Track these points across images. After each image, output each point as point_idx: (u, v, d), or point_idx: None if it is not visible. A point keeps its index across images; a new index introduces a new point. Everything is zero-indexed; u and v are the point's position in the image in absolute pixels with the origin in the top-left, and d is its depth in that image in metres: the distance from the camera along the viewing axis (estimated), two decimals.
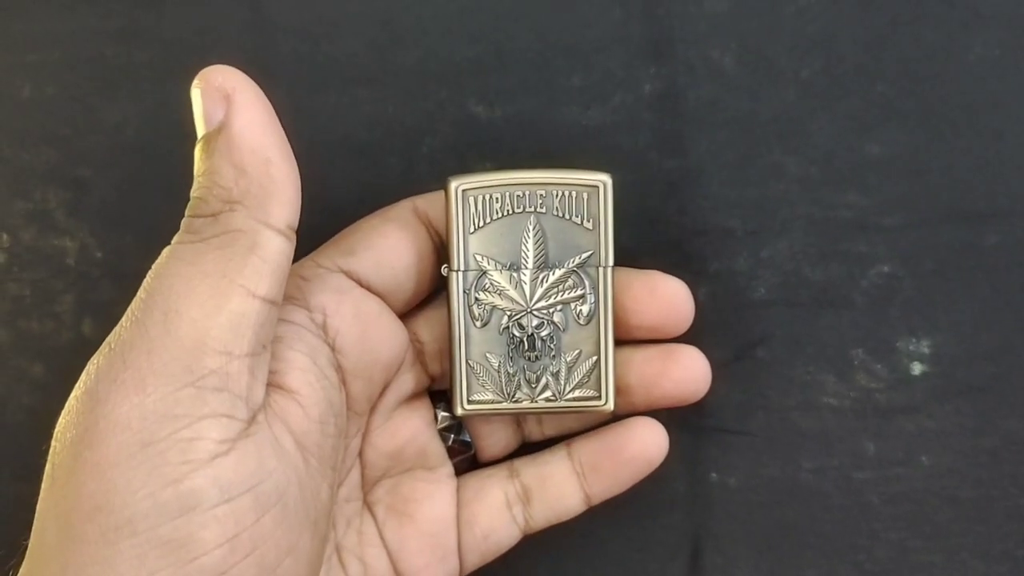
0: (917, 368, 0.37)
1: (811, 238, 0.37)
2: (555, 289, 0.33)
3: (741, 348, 0.37)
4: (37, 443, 0.38)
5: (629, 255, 0.37)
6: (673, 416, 0.37)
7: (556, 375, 0.33)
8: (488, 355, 0.33)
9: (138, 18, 0.38)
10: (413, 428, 0.34)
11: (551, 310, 0.33)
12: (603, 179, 0.33)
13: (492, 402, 0.33)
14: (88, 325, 0.38)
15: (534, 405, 0.34)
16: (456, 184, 0.33)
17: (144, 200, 0.38)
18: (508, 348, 0.33)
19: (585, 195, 0.33)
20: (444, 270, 0.33)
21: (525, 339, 0.33)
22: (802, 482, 0.37)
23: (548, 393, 0.34)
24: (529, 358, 0.33)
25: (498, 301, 0.33)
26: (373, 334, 0.32)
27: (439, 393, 0.36)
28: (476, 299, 0.33)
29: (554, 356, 0.33)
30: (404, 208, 0.34)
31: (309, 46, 0.38)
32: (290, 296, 0.31)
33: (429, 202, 0.34)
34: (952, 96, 0.37)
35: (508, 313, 0.33)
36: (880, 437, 0.37)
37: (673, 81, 0.37)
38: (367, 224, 0.33)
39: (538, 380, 0.33)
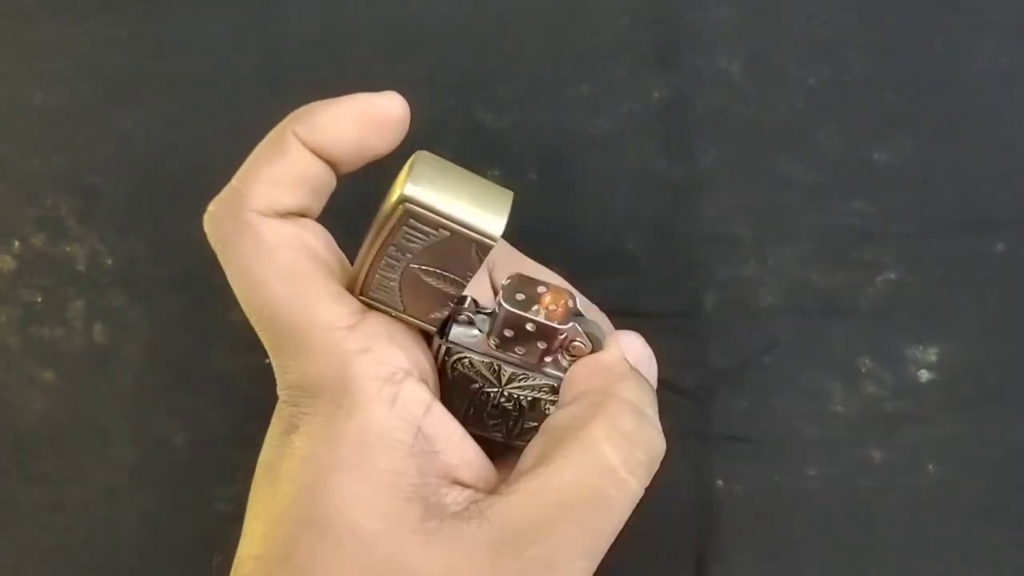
0: (924, 376, 0.37)
1: (818, 246, 0.37)
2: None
3: (748, 355, 0.37)
4: (48, 448, 0.38)
5: (637, 263, 0.37)
6: (680, 423, 0.37)
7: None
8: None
9: (148, 27, 0.38)
10: None
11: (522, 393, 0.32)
12: None
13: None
14: (98, 331, 0.38)
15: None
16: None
17: (154, 207, 0.38)
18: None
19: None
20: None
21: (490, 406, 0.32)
22: (808, 489, 0.37)
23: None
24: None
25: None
26: None
27: None
28: (452, 367, 0.31)
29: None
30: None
31: (318, 54, 0.38)
32: None
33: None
34: (960, 104, 0.37)
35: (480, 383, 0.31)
36: (887, 445, 0.37)
37: (681, 89, 0.37)
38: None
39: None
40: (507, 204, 0.27)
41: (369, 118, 0.29)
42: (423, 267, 0.27)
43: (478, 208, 0.26)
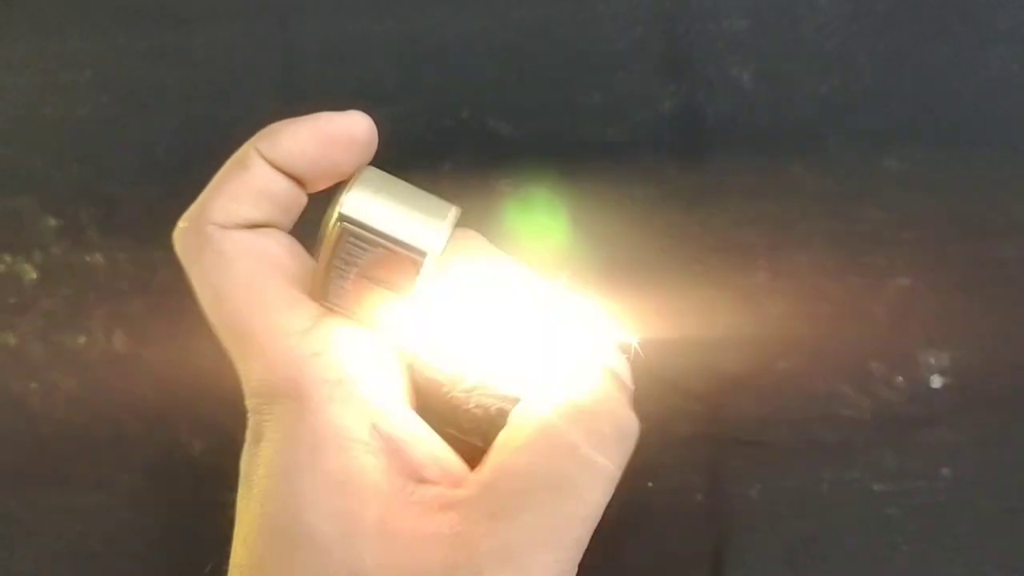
0: (937, 381, 0.37)
1: (830, 252, 0.37)
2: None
3: (762, 361, 0.37)
4: (69, 454, 0.38)
5: (650, 270, 0.37)
6: (694, 428, 0.37)
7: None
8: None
9: (168, 39, 0.39)
10: None
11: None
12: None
13: None
14: (119, 339, 0.39)
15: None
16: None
17: (174, 216, 0.38)
18: None
19: None
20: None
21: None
22: (822, 494, 0.37)
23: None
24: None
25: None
26: None
27: None
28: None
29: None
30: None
31: (335, 65, 0.39)
32: None
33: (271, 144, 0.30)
34: (970, 111, 0.37)
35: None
36: (900, 449, 0.37)
37: (692, 98, 0.38)
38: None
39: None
40: (448, 221, 0.27)
41: (328, 136, 0.29)
42: (371, 280, 0.28)
43: (415, 227, 0.27)
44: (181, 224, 0.30)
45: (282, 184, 0.29)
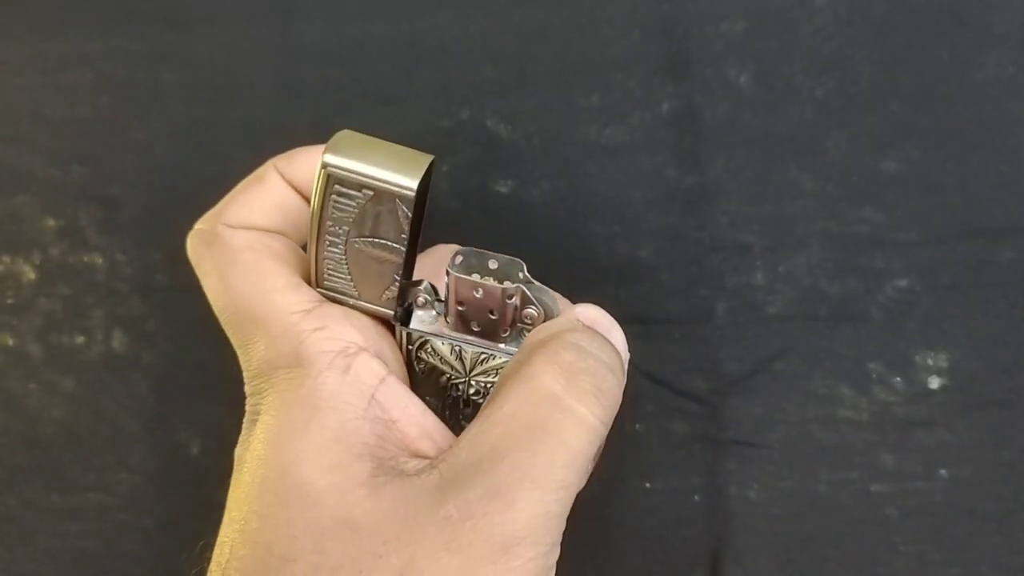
0: (935, 382, 0.37)
1: (828, 253, 0.37)
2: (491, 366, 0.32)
3: (759, 362, 0.37)
4: (67, 454, 0.38)
5: (649, 271, 0.38)
6: (692, 429, 0.37)
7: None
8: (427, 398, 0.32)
9: (169, 41, 0.39)
10: None
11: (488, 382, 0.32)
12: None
13: None
14: (118, 339, 0.39)
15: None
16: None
17: (173, 217, 0.38)
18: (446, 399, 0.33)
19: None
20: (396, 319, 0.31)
21: (461, 401, 0.33)
22: (821, 495, 0.37)
23: None
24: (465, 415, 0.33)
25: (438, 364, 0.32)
26: None
27: None
28: (418, 356, 0.32)
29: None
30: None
31: (335, 67, 0.39)
32: None
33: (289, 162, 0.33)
34: (967, 113, 0.37)
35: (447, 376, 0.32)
36: (898, 450, 0.37)
37: (690, 100, 0.38)
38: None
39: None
40: (425, 162, 0.28)
41: None
42: (361, 238, 0.29)
43: (395, 165, 0.28)
44: (197, 226, 0.32)
45: (294, 200, 0.31)
